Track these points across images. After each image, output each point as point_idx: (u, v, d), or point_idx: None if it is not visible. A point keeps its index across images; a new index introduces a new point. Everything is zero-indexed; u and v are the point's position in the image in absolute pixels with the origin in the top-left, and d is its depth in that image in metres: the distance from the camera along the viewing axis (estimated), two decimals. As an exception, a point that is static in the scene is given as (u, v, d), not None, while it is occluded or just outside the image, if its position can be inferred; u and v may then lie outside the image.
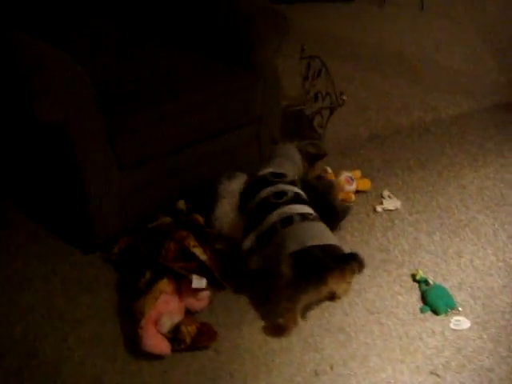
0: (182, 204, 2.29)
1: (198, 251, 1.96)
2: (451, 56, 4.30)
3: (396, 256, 2.54)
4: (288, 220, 2.02)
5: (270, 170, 2.31)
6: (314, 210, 2.14)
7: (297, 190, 2.18)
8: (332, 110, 2.95)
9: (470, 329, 2.22)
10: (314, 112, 3.02)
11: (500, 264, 2.51)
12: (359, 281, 2.38)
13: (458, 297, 2.33)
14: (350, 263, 2.02)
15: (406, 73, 4.03)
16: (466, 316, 2.27)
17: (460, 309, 2.28)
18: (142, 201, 2.32)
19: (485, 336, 2.19)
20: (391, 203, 2.73)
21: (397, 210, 2.77)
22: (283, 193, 2.12)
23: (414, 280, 2.41)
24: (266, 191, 2.14)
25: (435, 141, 3.31)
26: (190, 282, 1.90)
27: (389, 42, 4.46)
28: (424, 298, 2.32)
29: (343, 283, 2.19)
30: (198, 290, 1.96)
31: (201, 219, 2.15)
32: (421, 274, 2.39)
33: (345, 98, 2.85)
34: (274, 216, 2.05)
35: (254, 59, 2.50)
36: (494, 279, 2.43)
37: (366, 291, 2.36)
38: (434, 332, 2.20)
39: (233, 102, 2.44)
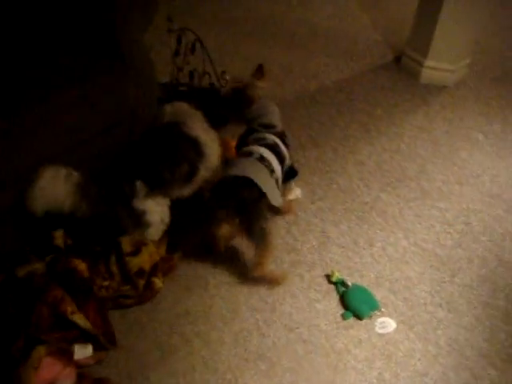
0: (59, 238, 1.82)
1: (78, 318, 1.55)
2: (323, 14, 4.05)
3: (305, 255, 2.30)
4: (247, 154, 2.08)
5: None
6: None
7: (277, 141, 2.18)
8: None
9: (396, 330, 2.08)
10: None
11: (413, 248, 2.37)
12: (271, 292, 2.11)
13: (378, 294, 2.17)
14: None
15: (282, 38, 3.73)
16: (390, 315, 2.12)
17: (383, 309, 2.10)
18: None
19: (412, 335, 2.06)
20: (291, 192, 2.45)
21: (298, 199, 2.49)
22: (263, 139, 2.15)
23: (330, 282, 2.20)
24: (253, 136, 2.18)
25: (324, 112, 3.09)
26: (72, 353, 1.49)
27: (260, 5, 4.10)
28: (344, 302, 2.14)
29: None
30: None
31: (82, 266, 1.71)
32: (337, 275, 2.18)
33: (227, 78, 2.49)
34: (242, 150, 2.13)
35: (118, 43, 2.04)
36: (409, 267, 2.30)
37: (280, 303, 2.11)
38: (360, 341, 2.02)
39: (101, 100, 1.98)
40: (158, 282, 2.00)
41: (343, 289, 2.16)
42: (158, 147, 2.01)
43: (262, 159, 2.03)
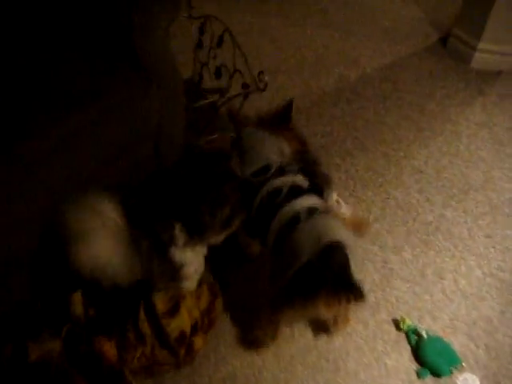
0: (78, 305, 1.47)
1: None
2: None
3: (367, 294, 1.94)
4: (294, 220, 1.56)
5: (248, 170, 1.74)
6: None
7: (290, 178, 1.67)
8: (247, 95, 2.19)
9: (482, 389, 1.73)
10: (224, 101, 2.22)
11: (488, 280, 2.05)
12: (332, 347, 1.80)
13: (455, 341, 1.86)
14: (349, 289, 1.48)
15: (313, 16, 3.30)
16: (472, 369, 1.81)
17: (464, 364, 1.77)
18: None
19: (500, 394, 1.72)
20: (345, 212, 2.10)
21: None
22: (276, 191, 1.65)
23: (399, 329, 1.87)
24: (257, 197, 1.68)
25: (368, 107, 2.71)
26: None
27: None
28: (418, 356, 1.80)
29: (333, 310, 1.60)
30: None
31: (109, 347, 1.37)
32: (408, 323, 1.84)
33: (266, 79, 2.10)
34: (276, 222, 1.61)
35: (137, 49, 1.66)
36: (487, 304, 1.98)
37: (343, 360, 1.79)
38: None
39: (121, 118, 1.62)
40: (198, 340, 1.67)
41: (415, 337, 1.83)
42: (199, 183, 1.65)
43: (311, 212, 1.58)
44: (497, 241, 2.18)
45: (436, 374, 1.77)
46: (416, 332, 1.85)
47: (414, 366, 1.80)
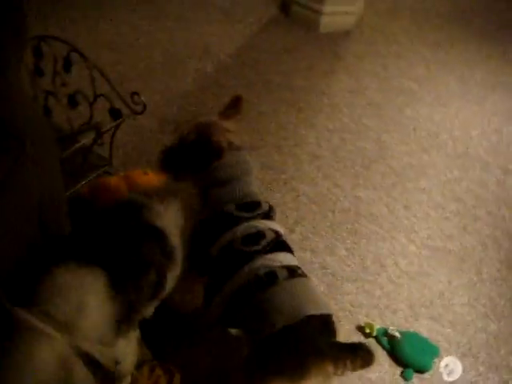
0: None
1: None
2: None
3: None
4: (271, 277, 1.27)
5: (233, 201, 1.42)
6: None
7: (275, 226, 1.41)
8: (118, 124, 1.85)
9: (464, 370, 1.68)
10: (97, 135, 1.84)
11: (424, 253, 2.04)
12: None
13: (422, 328, 1.80)
14: (356, 352, 1.20)
15: (141, 9, 2.94)
16: (448, 352, 1.75)
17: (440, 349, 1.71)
18: None
19: (482, 368, 1.71)
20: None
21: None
22: (259, 235, 1.35)
23: (367, 335, 1.73)
24: (233, 233, 1.36)
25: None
26: None
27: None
28: (398, 358, 1.69)
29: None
30: None
31: None
32: (375, 327, 1.72)
33: (143, 99, 1.77)
34: (246, 271, 1.31)
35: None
36: (434, 279, 1.98)
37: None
38: (436, 404, 1.61)
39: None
40: None
41: (385, 339, 1.72)
42: (110, 251, 1.29)
43: (291, 272, 1.31)
44: (415, 209, 2.14)
45: (420, 370, 1.68)
46: (386, 334, 1.73)
47: (397, 370, 1.68)
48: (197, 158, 1.48)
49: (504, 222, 2.13)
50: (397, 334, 1.71)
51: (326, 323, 1.25)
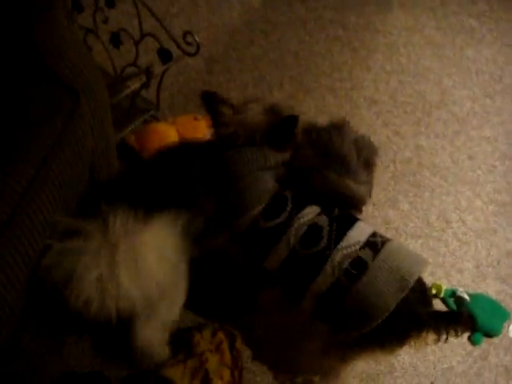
0: None
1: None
2: None
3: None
4: (358, 264, 1.16)
5: (256, 208, 1.24)
6: None
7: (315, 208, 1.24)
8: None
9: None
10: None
11: (491, 208, 1.92)
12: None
13: (490, 291, 1.72)
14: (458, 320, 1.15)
15: None
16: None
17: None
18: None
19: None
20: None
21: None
22: (315, 230, 1.20)
23: (434, 297, 1.65)
24: (285, 244, 1.21)
25: (289, 36, 2.32)
26: None
27: None
28: (466, 322, 1.60)
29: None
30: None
31: None
32: (442, 287, 1.64)
33: (197, 39, 1.63)
34: (329, 272, 1.17)
35: (45, 55, 1.14)
36: (501, 237, 1.88)
37: (395, 357, 1.54)
38: (507, 368, 1.55)
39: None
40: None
41: (458, 303, 1.63)
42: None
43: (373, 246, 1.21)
44: (480, 160, 2.02)
45: (489, 334, 1.61)
46: (454, 295, 1.65)
47: (464, 334, 1.61)
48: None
49: None
50: (465, 296, 1.63)
51: (421, 287, 1.17)
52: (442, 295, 1.65)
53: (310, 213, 1.23)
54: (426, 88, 2.20)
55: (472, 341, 1.60)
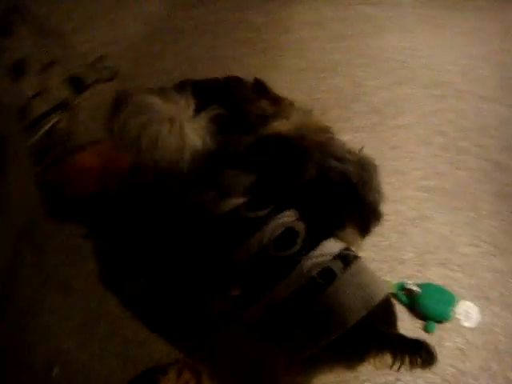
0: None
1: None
2: None
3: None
4: (327, 275, 1.15)
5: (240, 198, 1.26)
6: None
7: (295, 215, 1.27)
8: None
9: (479, 311, 1.70)
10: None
11: (422, 195, 1.97)
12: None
13: (432, 275, 1.78)
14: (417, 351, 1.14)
15: None
16: (463, 297, 1.72)
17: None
18: None
19: (496, 309, 1.73)
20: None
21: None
22: (291, 233, 1.21)
23: (386, 293, 1.68)
24: (258, 240, 1.21)
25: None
26: None
27: None
28: (419, 312, 1.66)
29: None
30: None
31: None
32: (391, 283, 1.68)
33: (110, 65, 1.55)
34: (295, 277, 1.17)
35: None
36: (434, 222, 1.94)
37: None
38: (462, 350, 1.62)
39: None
40: None
41: (408, 296, 1.68)
42: None
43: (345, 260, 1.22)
44: (402, 148, 2.08)
45: (441, 321, 1.66)
46: (403, 288, 1.69)
47: (417, 324, 1.66)
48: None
49: (489, 151, 2.10)
50: (414, 288, 1.67)
51: (387, 307, 1.17)
52: (392, 291, 1.68)
53: (289, 216, 1.24)
54: (340, 82, 2.23)
55: (426, 329, 1.64)
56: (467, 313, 1.70)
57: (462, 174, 2.02)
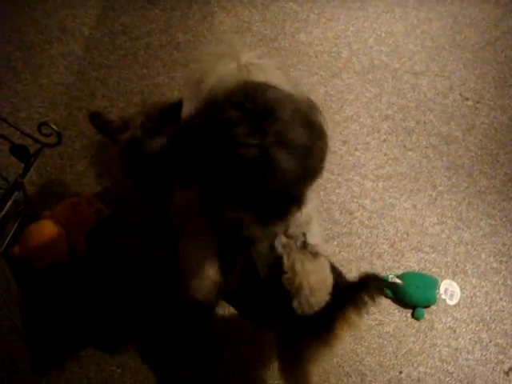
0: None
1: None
2: None
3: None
4: None
5: None
6: None
7: None
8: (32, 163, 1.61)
9: (461, 288, 1.82)
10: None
11: (381, 184, 2.04)
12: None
13: (412, 263, 1.87)
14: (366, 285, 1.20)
15: None
16: (441, 276, 1.85)
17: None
18: None
19: (474, 280, 1.86)
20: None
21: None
22: None
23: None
24: None
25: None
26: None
27: None
28: (405, 302, 1.77)
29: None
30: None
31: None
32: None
33: (55, 128, 1.54)
34: None
35: None
36: (399, 210, 1.99)
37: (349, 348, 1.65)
38: (453, 329, 1.75)
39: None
40: None
41: (392, 288, 1.77)
42: None
43: None
44: (353, 141, 2.15)
45: (428, 305, 1.77)
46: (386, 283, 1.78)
47: (407, 313, 1.76)
48: None
49: (433, 126, 2.20)
50: (397, 280, 1.76)
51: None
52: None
53: None
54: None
55: (416, 317, 1.75)
56: (450, 291, 1.81)
57: (413, 154, 2.12)
